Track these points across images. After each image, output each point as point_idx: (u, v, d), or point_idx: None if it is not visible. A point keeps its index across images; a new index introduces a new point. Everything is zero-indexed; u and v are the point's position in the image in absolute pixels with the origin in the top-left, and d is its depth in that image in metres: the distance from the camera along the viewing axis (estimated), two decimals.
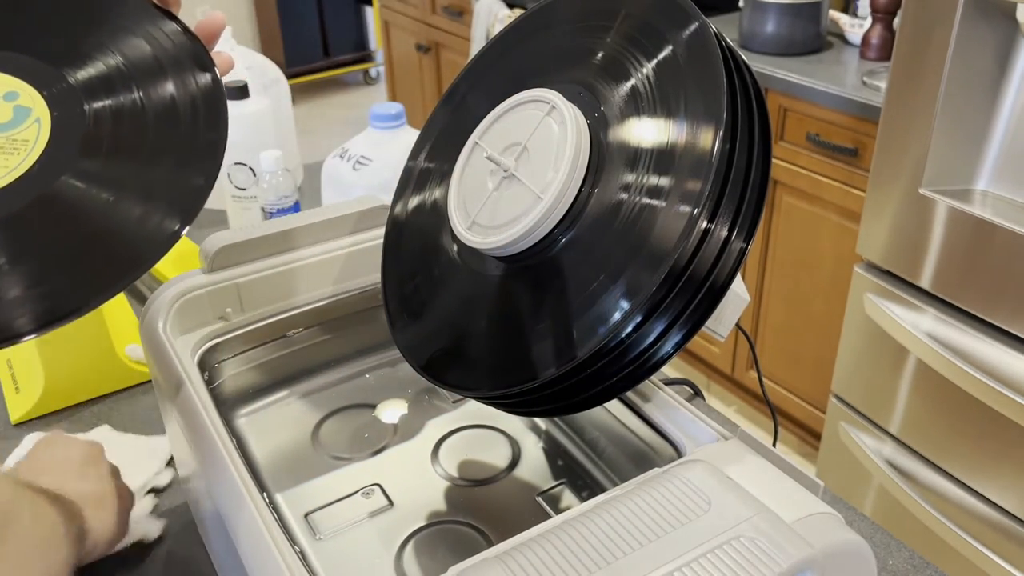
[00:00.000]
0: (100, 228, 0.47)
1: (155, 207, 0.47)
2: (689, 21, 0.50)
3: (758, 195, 0.50)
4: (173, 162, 0.49)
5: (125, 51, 0.52)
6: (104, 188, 0.48)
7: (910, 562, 0.69)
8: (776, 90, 1.70)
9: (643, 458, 0.59)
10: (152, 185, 0.48)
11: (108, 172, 0.48)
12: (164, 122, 0.50)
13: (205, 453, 0.53)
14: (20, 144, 0.48)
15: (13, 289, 0.45)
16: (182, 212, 0.47)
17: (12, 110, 0.49)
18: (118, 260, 0.46)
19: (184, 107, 0.51)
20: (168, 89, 0.51)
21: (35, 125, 0.49)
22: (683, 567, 0.40)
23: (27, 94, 0.50)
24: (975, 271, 1.26)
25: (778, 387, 1.97)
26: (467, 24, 2.66)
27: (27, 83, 0.50)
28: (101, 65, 0.51)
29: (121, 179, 0.48)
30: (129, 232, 0.47)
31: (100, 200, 0.47)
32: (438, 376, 0.55)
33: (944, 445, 1.38)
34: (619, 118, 0.51)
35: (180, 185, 0.48)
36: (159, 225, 0.47)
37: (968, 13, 1.19)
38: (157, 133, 0.50)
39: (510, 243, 0.51)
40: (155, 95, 0.51)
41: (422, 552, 0.56)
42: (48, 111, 0.49)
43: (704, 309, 0.51)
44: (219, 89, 0.51)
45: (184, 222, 0.47)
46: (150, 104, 0.50)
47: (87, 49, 0.52)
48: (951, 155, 1.30)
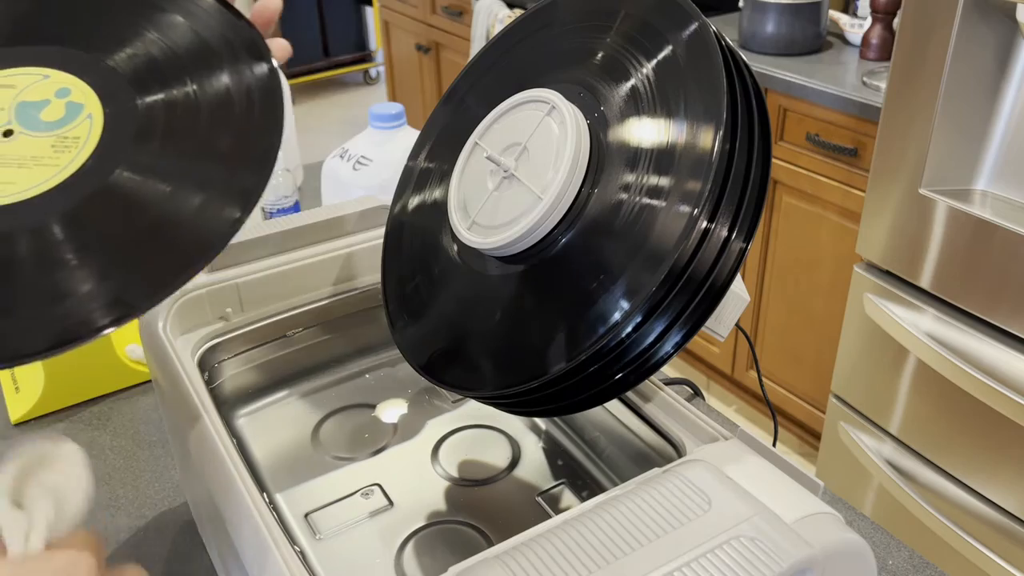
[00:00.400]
0: (159, 220, 0.46)
1: (214, 195, 0.46)
2: (689, 21, 0.50)
3: (758, 195, 0.50)
4: (230, 150, 0.48)
5: (177, 40, 0.51)
6: (161, 179, 0.47)
7: (910, 562, 0.69)
8: (776, 90, 1.70)
9: (643, 458, 0.59)
10: (210, 174, 0.47)
11: (164, 164, 0.47)
12: (219, 111, 0.49)
13: (205, 453, 0.53)
14: (72, 141, 0.47)
15: (78, 288, 0.44)
16: (242, 198, 0.46)
17: (64, 107, 0.48)
18: (181, 251, 0.45)
19: (239, 95, 0.49)
20: (223, 78, 0.50)
21: (87, 121, 0.48)
22: (683, 567, 0.40)
23: (79, 90, 0.49)
24: (975, 271, 1.26)
25: (778, 387, 1.97)
26: (467, 24, 2.66)
27: (79, 78, 0.49)
28: (154, 56, 0.50)
29: (178, 170, 0.47)
30: (190, 222, 0.46)
31: (157, 191, 0.46)
32: (438, 376, 0.55)
33: (944, 445, 1.38)
34: (619, 118, 0.51)
35: (238, 172, 0.47)
36: (220, 213, 0.46)
37: (968, 13, 1.19)
38: (212, 122, 0.49)
39: (510, 243, 0.51)
40: (209, 85, 0.49)
41: (422, 552, 0.56)
42: (100, 106, 0.48)
43: (704, 309, 0.51)
44: (275, 77, 0.50)
45: (245, 208, 0.46)
46: (204, 94, 0.49)
47: (139, 40, 0.51)
48: (951, 155, 1.30)
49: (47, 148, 0.46)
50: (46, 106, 0.48)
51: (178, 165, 0.47)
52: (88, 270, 0.44)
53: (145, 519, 0.74)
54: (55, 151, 0.46)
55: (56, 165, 0.46)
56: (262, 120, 0.48)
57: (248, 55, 0.50)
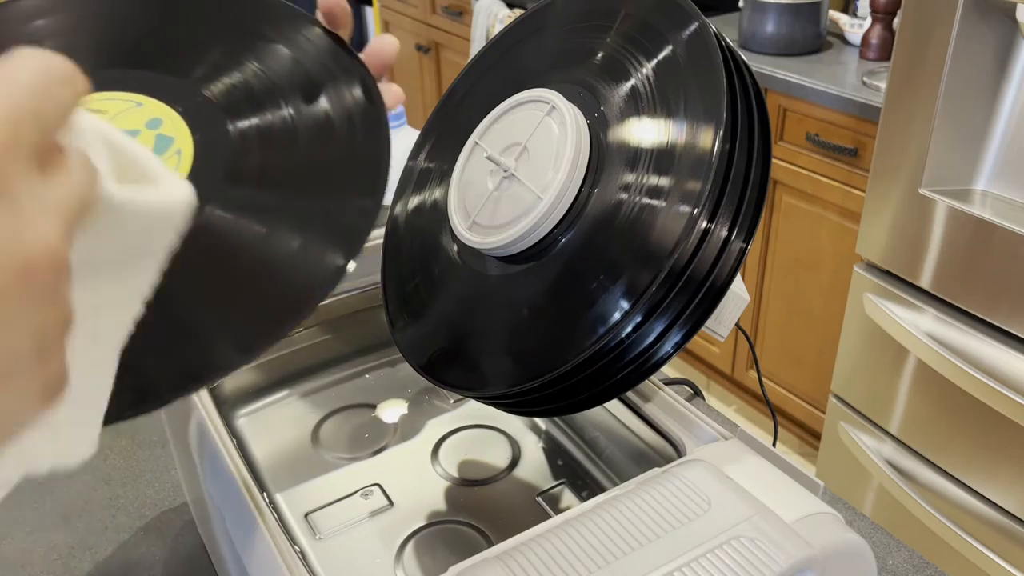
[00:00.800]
0: (252, 266, 0.41)
1: (314, 239, 0.42)
2: (689, 21, 0.50)
3: (758, 195, 0.50)
4: (331, 192, 0.44)
5: (281, 76, 0.46)
6: (253, 223, 0.42)
7: (910, 562, 0.69)
8: (776, 90, 1.70)
9: (643, 458, 0.59)
10: (309, 215, 0.42)
11: (259, 203, 0.43)
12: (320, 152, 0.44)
13: (205, 453, 0.53)
14: None
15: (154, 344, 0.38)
16: (345, 243, 0.42)
17: (154, 139, 0.44)
18: (274, 304, 0.41)
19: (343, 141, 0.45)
20: (327, 120, 0.45)
21: (175, 157, 0.43)
22: (683, 567, 0.40)
23: (170, 120, 0.44)
24: (975, 271, 1.26)
25: (778, 387, 1.97)
26: (467, 24, 2.66)
27: (172, 108, 0.45)
28: (253, 90, 0.46)
29: (274, 211, 0.43)
30: (286, 269, 0.41)
31: (249, 235, 0.41)
32: (438, 376, 0.55)
33: (944, 445, 1.38)
34: (619, 118, 0.51)
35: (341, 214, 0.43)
36: (321, 259, 0.41)
37: (968, 13, 1.19)
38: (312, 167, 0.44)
39: (510, 243, 0.51)
40: (312, 125, 0.45)
41: (422, 552, 0.56)
42: (191, 140, 0.44)
43: (704, 309, 0.51)
44: (383, 122, 0.45)
45: (348, 254, 0.42)
46: (305, 135, 0.45)
47: (239, 73, 0.46)
48: (951, 155, 1.30)
49: None
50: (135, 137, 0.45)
51: (271, 209, 0.43)
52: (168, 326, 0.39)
53: (145, 519, 0.74)
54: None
55: None
56: (367, 165, 0.44)
57: (356, 97, 0.46)
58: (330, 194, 0.44)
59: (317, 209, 0.43)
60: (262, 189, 0.43)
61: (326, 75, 0.47)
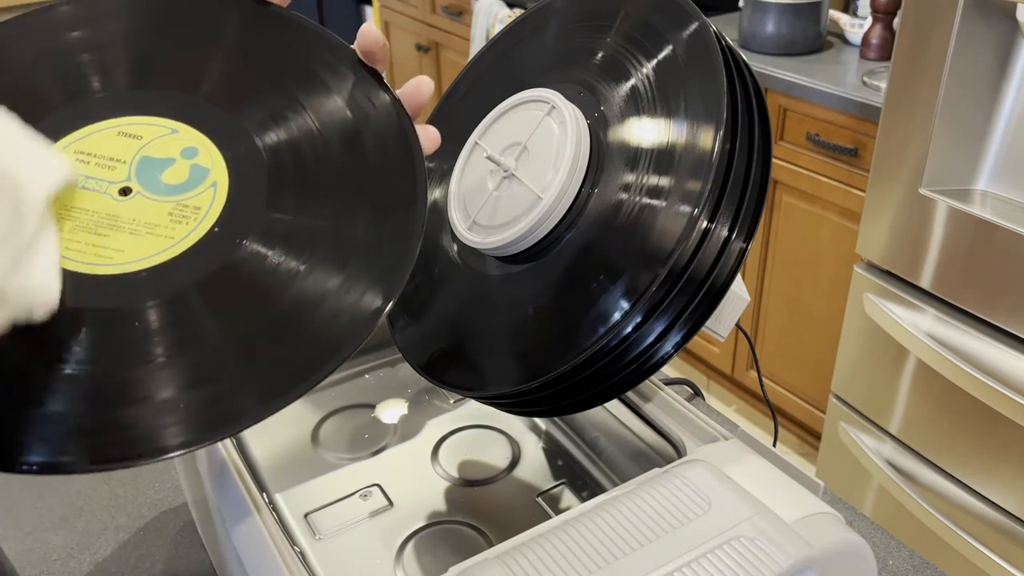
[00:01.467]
0: (282, 311, 0.39)
1: (351, 282, 0.40)
2: (689, 21, 0.50)
3: (758, 195, 0.50)
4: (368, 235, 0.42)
5: (319, 110, 0.45)
6: (286, 265, 0.40)
7: (910, 562, 0.69)
8: (776, 90, 1.70)
9: (643, 458, 0.59)
10: (346, 259, 0.41)
11: (293, 247, 0.41)
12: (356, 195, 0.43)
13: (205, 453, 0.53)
14: (191, 212, 0.41)
15: (168, 389, 0.37)
16: (384, 284, 0.40)
17: (189, 170, 0.42)
18: (307, 349, 0.38)
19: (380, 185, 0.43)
20: (366, 163, 0.44)
21: (210, 191, 0.42)
22: (683, 567, 0.40)
23: (207, 151, 0.43)
24: (975, 271, 1.26)
25: (778, 387, 1.97)
26: (467, 24, 2.66)
27: (209, 138, 0.43)
28: (291, 124, 0.44)
29: (309, 247, 0.41)
30: (321, 313, 0.39)
31: (281, 277, 0.40)
32: (438, 376, 0.55)
33: (944, 445, 1.38)
34: (619, 118, 0.51)
35: (377, 257, 0.41)
36: (358, 301, 0.40)
37: (968, 13, 1.19)
38: (348, 209, 0.43)
39: (510, 243, 0.51)
40: (349, 166, 0.44)
41: (422, 552, 0.56)
42: (227, 173, 0.42)
43: (704, 309, 0.51)
44: (420, 165, 0.44)
45: (388, 296, 0.40)
46: (342, 176, 0.43)
47: (278, 104, 0.45)
48: (951, 155, 1.30)
49: (164, 216, 0.41)
50: (169, 166, 0.42)
51: (306, 252, 0.41)
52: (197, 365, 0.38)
53: (145, 519, 0.74)
54: (172, 220, 0.41)
55: (171, 237, 0.40)
56: (402, 211, 0.43)
57: (396, 141, 0.44)
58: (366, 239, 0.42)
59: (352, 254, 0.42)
60: (292, 240, 0.41)
61: (366, 120, 0.45)
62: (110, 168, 0.42)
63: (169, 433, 0.36)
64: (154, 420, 0.36)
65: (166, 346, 0.38)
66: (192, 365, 0.38)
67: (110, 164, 0.42)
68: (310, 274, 0.41)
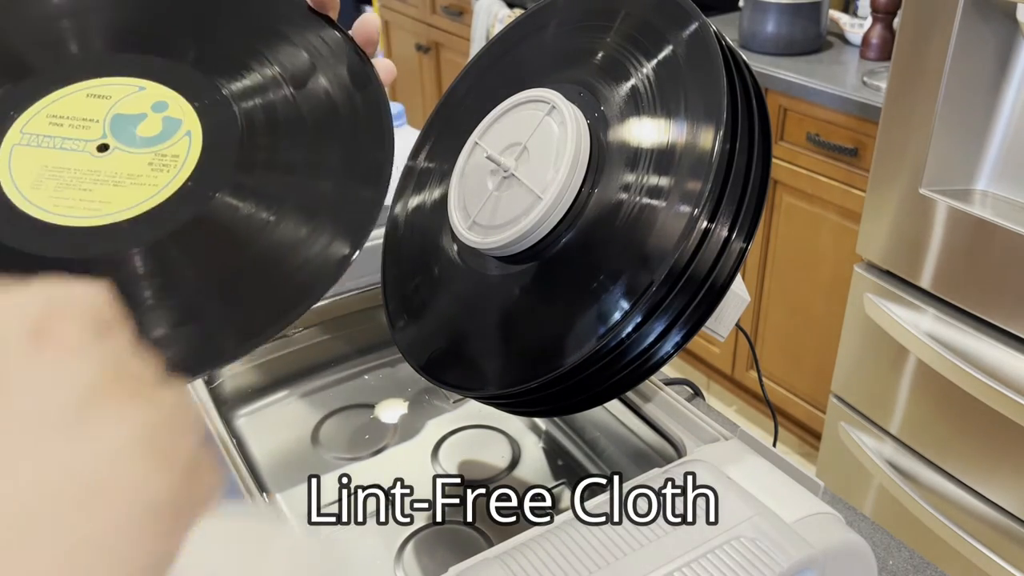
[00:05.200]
0: (258, 254, 0.42)
1: (320, 227, 0.42)
2: (689, 21, 0.50)
3: (758, 195, 0.50)
4: (336, 176, 0.44)
5: (280, 58, 0.47)
6: (263, 207, 0.43)
7: (910, 562, 0.69)
8: (776, 90, 1.70)
9: (643, 458, 0.59)
10: (315, 203, 0.43)
11: (266, 189, 0.43)
12: (324, 133, 0.45)
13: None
14: (170, 160, 0.43)
15: (157, 328, 0.39)
16: (351, 232, 0.42)
17: (161, 122, 0.44)
18: (279, 293, 0.41)
19: (345, 117, 0.46)
20: (328, 98, 0.46)
21: (185, 139, 0.44)
22: (683, 567, 0.40)
23: (176, 104, 0.45)
24: (975, 271, 1.26)
25: (778, 387, 1.97)
26: (467, 24, 2.66)
27: (177, 92, 0.45)
28: (255, 74, 0.46)
29: (281, 197, 0.43)
30: (292, 258, 0.42)
31: (259, 221, 0.42)
32: (438, 376, 0.55)
33: (944, 445, 1.38)
34: (619, 118, 0.51)
35: (346, 202, 0.43)
36: (326, 248, 0.42)
37: (968, 13, 1.19)
38: (317, 145, 0.45)
39: (510, 243, 0.51)
40: (314, 104, 0.46)
41: (422, 552, 0.56)
42: (199, 123, 0.44)
43: (704, 309, 0.51)
44: (382, 97, 0.46)
45: (355, 244, 0.42)
46: (309, 114, 0.45)
47: (239, 56, 0.47)
48: (951, 155, 1.30)
49: (144, 166, 0.43)
50: (142, 120, 0.44)
51: (283, 188, 0.43)
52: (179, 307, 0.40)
53: None
54: (152, 170, 0.43)
55: (154, 185, 0.42)
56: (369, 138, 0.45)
57: (354, 73, 0.47)
58: (335, 180, 0.44)
59: (322, 196, 0.44)
60: (267, 176, 0.44)
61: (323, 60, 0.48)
62: (84, 128, 0.44)
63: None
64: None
65: (154, 288, 0.41)
66: (179, 305, 0.40)
67: (84, 124, 0.44)
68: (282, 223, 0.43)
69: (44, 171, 0.42)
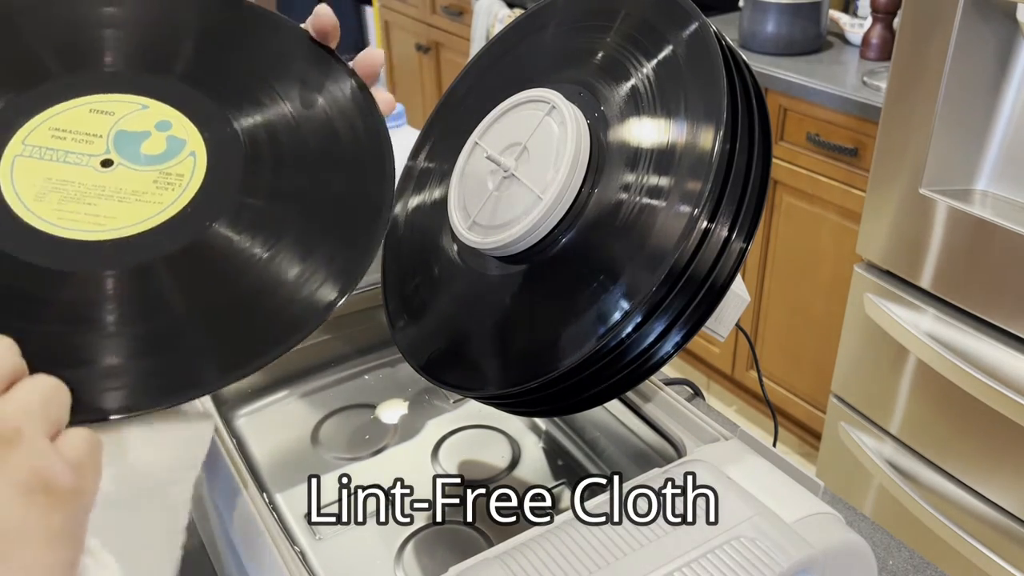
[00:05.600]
0: (246, 290, 0.41)
1: (311, 268, 0.42)
2: (689, 21, 0.50)
3: (758, 195, 0.50)
4: (334, 219, 0.44)
5: (282, 85, 0.47)
6: (258, 242, 0.43)
7: (910, 562, 0.69)
8: (776, 90, 1.70)
9: (643, 458, 0.59)
10: (310, 242, 0.43)
11: (265, 224, 0.43)
12: (326, 170, 0.45)
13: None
14: (175, 179, 0.43)
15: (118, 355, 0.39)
16: (341, 278, 0.42)
17: (166, 141, 0.44)
18: (260, 332, 0.41)
19: (349, 155, 0.46)
20: (332, 134, 0.46)
21: (190, 159, 0.44)
22: (683, 567, 0.40)
23: (180, 124, 0.45)
24: (975, 271, 1.26)
25: (778, 387, 1.97)
26: (467, 24, 2.66)
27: (180, 112, 0.45)
28: (258, 99, 0.47)
29: (278, 233, 0.43)
30: (279, 297, 0.42)
31: (251, 256, 0.42)
32: (438, 376, 0.55)
33: (944, 445, 1.38)
34: (619, 118, 0.51)
35: (340, 247, 0.43)
36: (314, 292, 0.42)
37: (968, 13, 1.19)
38: (318, 184, 0.45)
39: (510, 243, 0.51)
40: (319, 139, 0.46)
41: (422, 552, 0.56)
42: (203, 143, 0.45)
43: (704, 309, 0.51)
44: (384, 134, 0.46)
45: (343, 290, 0.42)
46: (313, 148, 0.46)
47: (243, 81, 0.47)
48: (951, 155, 1.30)
49: (149, 183, 0.43)
50: (146, 138, 0.44)
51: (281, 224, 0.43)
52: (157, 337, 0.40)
53: None
54: (158, 188, 0.43)
55: (159, 203, 0.43)
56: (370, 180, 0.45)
57: (357, 109, 0.47)
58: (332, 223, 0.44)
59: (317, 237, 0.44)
60: (268, 210, 0.44)
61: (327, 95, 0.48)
62: (88, 142, 0.44)
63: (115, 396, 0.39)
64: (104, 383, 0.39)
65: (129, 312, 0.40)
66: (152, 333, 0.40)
67: (87, 139, 0.44)
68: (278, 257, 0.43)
69: (47, 184, 0.42)
